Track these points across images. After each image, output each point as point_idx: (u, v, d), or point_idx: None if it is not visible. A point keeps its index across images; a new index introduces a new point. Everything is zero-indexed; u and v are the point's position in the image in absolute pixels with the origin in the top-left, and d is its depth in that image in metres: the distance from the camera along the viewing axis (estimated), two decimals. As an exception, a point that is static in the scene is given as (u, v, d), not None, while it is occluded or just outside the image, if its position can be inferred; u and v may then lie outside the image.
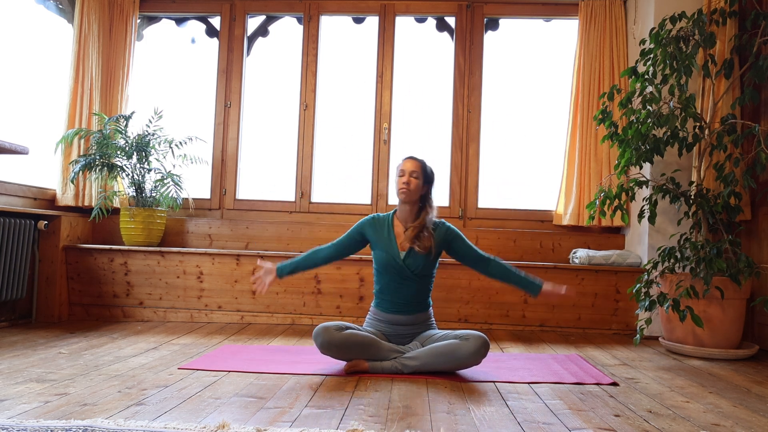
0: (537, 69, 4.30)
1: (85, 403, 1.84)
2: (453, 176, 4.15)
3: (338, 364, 2.45)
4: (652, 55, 3.12)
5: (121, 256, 3.64)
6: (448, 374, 2.34)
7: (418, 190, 2.48)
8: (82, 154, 3.88)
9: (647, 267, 3.13)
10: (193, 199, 4.05)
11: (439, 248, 2.51)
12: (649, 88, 3.24)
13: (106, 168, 3.77)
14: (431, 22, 4.28)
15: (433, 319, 2.60)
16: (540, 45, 4.31)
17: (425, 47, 4.34)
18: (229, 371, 2.34)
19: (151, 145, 3.85)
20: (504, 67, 4.28)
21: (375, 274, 2.55)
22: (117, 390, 2.01)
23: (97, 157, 3.73)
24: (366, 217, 2.60)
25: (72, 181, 3.72)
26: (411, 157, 2.53)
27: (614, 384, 2.31)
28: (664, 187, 3.08)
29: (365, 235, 2.55)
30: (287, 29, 4.37)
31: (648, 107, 3.08)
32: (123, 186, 3.99)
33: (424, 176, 2.51)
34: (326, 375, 2.32)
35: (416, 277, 2.46)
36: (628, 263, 3.58)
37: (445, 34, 4.27)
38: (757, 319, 3.16)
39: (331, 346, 2.34)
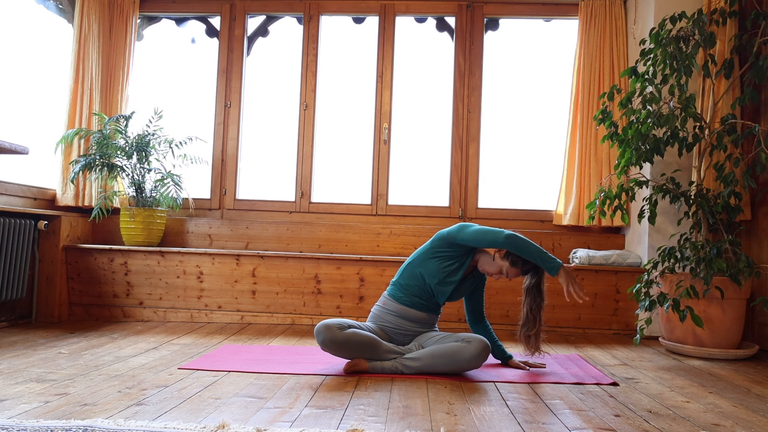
0: (537, 69, 4.30)
1: (85, 403, 1.84)
2: (453, 176, 4.15)
3: (338, 365, 2.45)
4: (652, 55, 3.12)
5: (121, 256, 3.64)
6: (448, 375, 2.34)
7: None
8: (82, 154, 3.88)
9: (647, 267, 3.13)
10: (193, 199, 4.05)
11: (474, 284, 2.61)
12: (649, 88, 3.24)
13: (106, 168, 3.77)
14: (431, 22, 4.28)
15: (437, 325, 2.62)
16: (540, 45, 4.31)
17: (425, 47, 4.34)
18: (229, 371, 2.34)
19: (151, 145, 3.85)
20: (504, 67, 4.28)
21: (406, 271, 2.54)
22: (117, 390, 2.01)
23: (97, 157, 3.73)
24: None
25: (72, 181, 3.72)
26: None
27: (614, 384, 2.31)
28: (664, 187, 3.08)
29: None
30: (287, 29, 4.37)
31: (648, 107, 3.08)
32: (123, 186, 3.99)
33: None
34: (326, 375, 2.32)
35: (440, 301, 2.53)
36: (628, 263, 3.58)
37: (445, 34, 4.27)
38: (757, 319, 3.16)
39: (332, 344, 2.34)
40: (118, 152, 3.77)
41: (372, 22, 4.28)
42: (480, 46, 4.20)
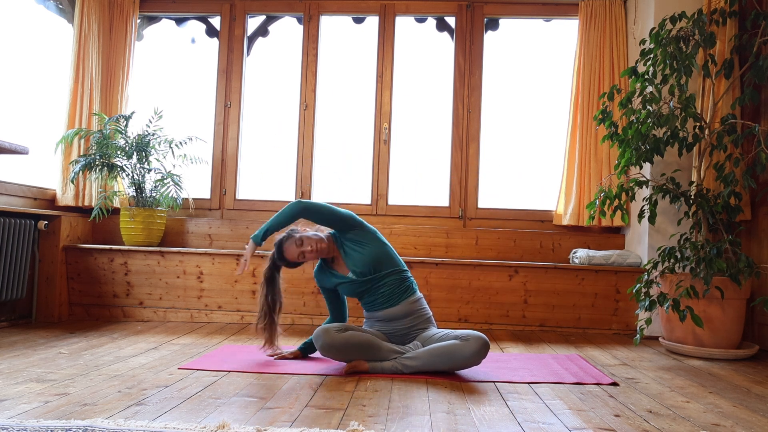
0: (537, 69, 4.30)
1: (85, 403, 1.84)
2: (453, 176, 4.15)
3: (338, 364, 2.45)
4: (652, 55, 3.12)
5: (121, 256, 3.64)
6: (448, 374, 2.34)
7: (322, 244, 2.50)
8: (82, 154, 3.88)
9: (647, 267, 3.13)
10: (193, 199, 4.05)
11: (347, 240, 2.53)
12: (649, 88, 3.24)
13: (106, 168, 3.77)
14: (431, 22, 4.28)
15: (430, 312, 2.58)
16: (540, 45, 4.31)
17: (425, 47, 4.34)
18: (229, 371, 2.34)
19: (151, 145, 3.85)
20: (504, 67, 4.28)
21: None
22: (117, 390, 2.01)
23: (97, 157, 3.73)
24: (314, 272, 2.66)
25: (72, 181, 3.72)
26: (289, 244, 2.49)
27: (614, 384, 2.31)
28: (664, 187, 3.08)
29: (324, 284, 2.62)
30: (287, 29, 4.37)
31: (648, 107, 3.08)
32: (123, 186, 3.99)
33: (307, 236, 2.50)
34: (326, 375, 2.32)
35: (377, 275, 2.48)
36: (628, 263, 3.58)
37: (445, 34, 4.27)
38: (757, 319, 3.16)
39: (331, 348, 2.34)
40: (118, 152, 3.77)
41: (372, 22, 4.28)
42: (480, 46, 4.20)
